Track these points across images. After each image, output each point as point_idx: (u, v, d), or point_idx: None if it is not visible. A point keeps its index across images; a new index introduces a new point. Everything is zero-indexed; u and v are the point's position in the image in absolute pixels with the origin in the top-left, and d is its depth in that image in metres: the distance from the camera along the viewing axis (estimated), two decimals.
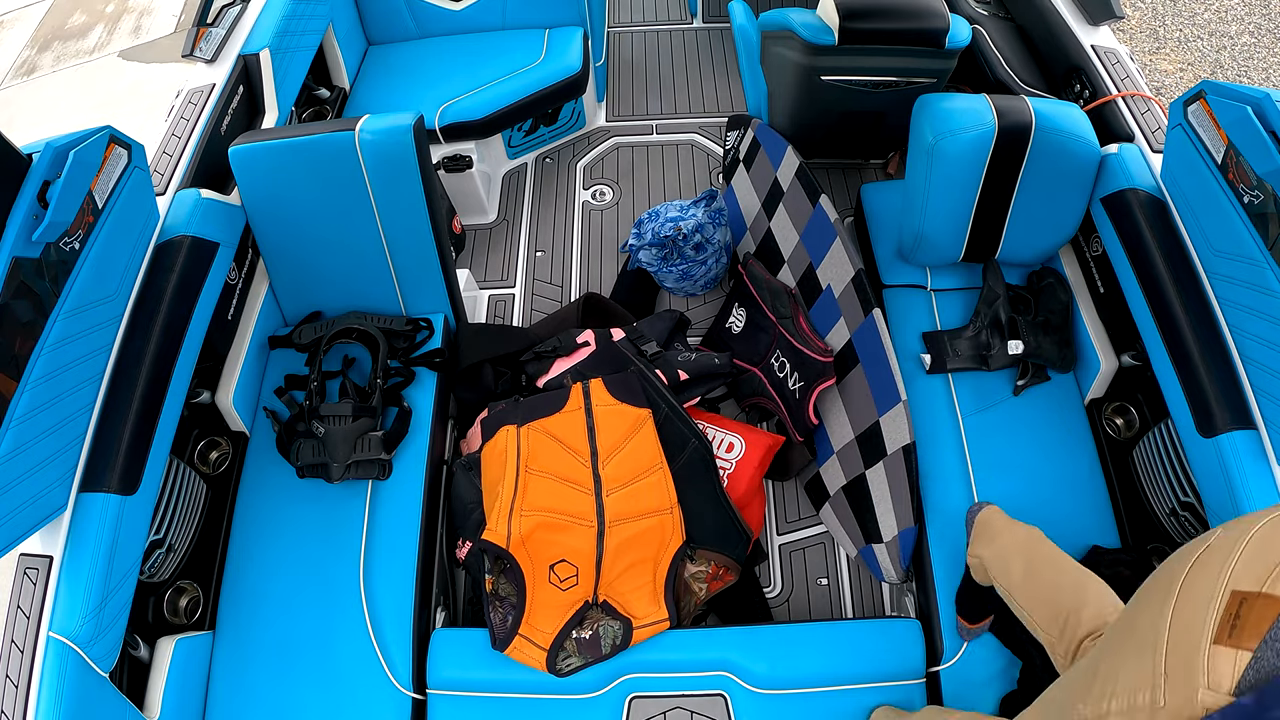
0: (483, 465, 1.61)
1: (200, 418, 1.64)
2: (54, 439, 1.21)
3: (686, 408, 1.75)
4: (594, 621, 1.43)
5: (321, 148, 1.60)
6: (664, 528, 1.49)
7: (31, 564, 1.21)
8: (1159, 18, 3.69)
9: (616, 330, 1.92)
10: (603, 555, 1.45)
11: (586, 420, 1.60)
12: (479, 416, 1.79)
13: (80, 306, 1.26)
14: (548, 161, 2.60)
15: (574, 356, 1.85)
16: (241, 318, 1.73)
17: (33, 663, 1.14)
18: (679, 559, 1.48)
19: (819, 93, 1.98)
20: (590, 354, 1.85)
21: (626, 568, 1.46)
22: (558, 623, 1.41)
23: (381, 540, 1.55)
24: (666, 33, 3.00)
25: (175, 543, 1.49)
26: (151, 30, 3.98)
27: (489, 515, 1.49)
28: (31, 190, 1.14)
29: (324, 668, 1.44)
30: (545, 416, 1.63)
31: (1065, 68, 1.95)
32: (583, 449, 1.56)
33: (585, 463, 1.54)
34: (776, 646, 1.43)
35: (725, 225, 2.10)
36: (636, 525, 1.47)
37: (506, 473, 1.54)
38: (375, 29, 2.51)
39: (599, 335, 1.90)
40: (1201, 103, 1.32)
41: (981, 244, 1.77)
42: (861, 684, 1.40)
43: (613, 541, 1.46)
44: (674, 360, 1.81)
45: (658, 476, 1.52)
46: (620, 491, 1.50)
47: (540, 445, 1.58)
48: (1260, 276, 1.24)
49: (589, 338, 1.89)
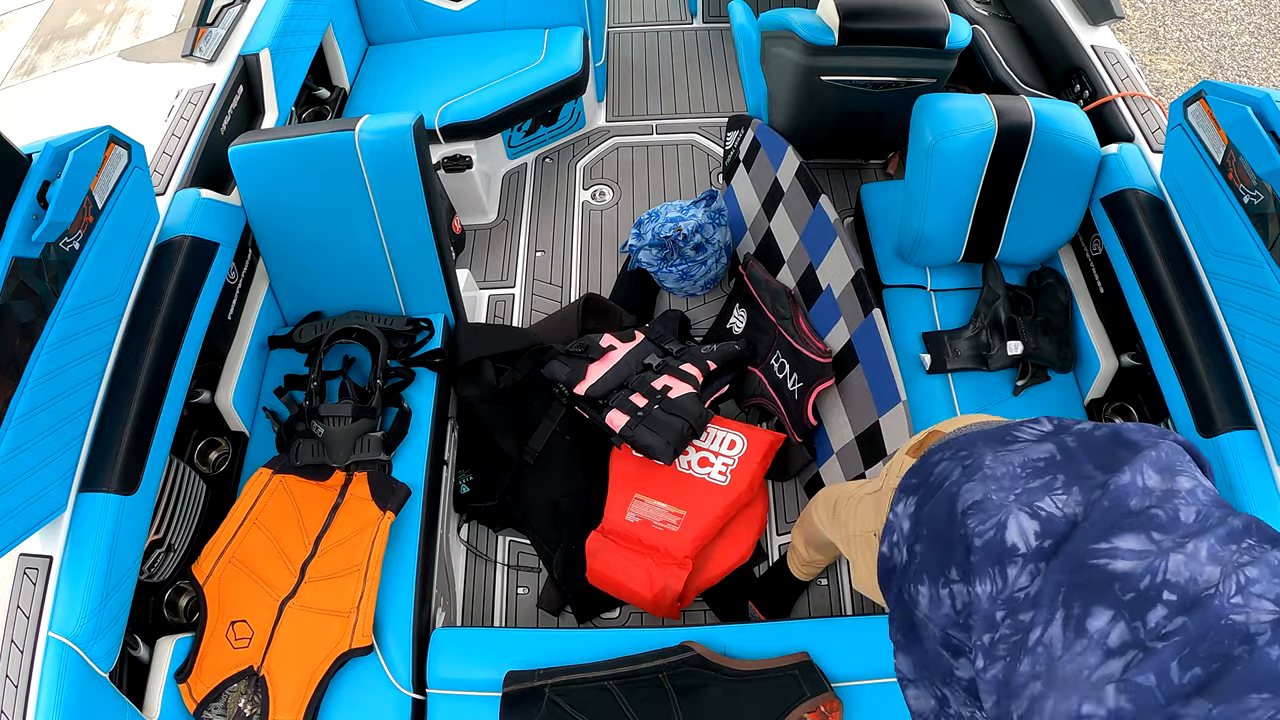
0: (243, 491, 1.57)
1: (200, 418, 1.64)
2: (53, 439, 1.21)
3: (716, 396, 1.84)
4: (244, 693, 1.36)
5: (321, 148, 1.60)
6: (335, 628, 1.41)
7: (31, 564, 1.21)
8: (1159, 18, 3.69)
9: (637, 334, 1.95)
10: (277, 628, 1.41)
11: (334, 503, 1.55)
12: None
13: (80, 306, 1.26)
14: (548, 161, 2.60)
15: (606, 361, 1.86)
16: (241, 318, 1.73)
17: (32, 663, 1.14)
18: (337, 665, 1.39)
19: (819, 93, 1.98)
20: (622, 357, 1.87)
21: (294, 650, 1.40)
22: (217, 678, 1.36)
23: None
24: (666, 33, 3.00)
25: (175, 543, 1.49)
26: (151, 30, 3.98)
27: (206, 548, 1.47)
28: (31, 190, 1.14)
29: None
30: (303, 478, 1.58)
31: (1065, 68, 1.95)
32: (313, 527, 1.52)
33: (307, 543, 1.50)
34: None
35: (725, 225, 2.10)
36: (314, 616, 1.42)
37: (237, 513, 1.51)
38: (375, 29, 2.51)
39: (622, 337, 1.93)
40: (1201, 103, 1.32)
41: (981, 244, 1.77)
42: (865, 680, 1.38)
43: (289, 621, 1.42)
44: (699, 353, 1.88)
45: (356, 578, 1.45)
46: (320, 582, 1.46)
47: (278, 503, 1.54)
48: (1260, 276, 1.24)
49: (613, 342, 1.91)
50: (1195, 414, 1.35)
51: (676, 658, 1.35)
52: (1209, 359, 1.35)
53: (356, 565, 1.47)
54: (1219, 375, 1.33)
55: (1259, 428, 1.28)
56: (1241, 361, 1.32)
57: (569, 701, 1.32)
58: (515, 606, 1.77)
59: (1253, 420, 1.29)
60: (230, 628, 1.41)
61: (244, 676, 1.37)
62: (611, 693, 1.33)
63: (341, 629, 1.41)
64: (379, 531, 1.49)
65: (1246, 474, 1.25)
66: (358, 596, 1.43)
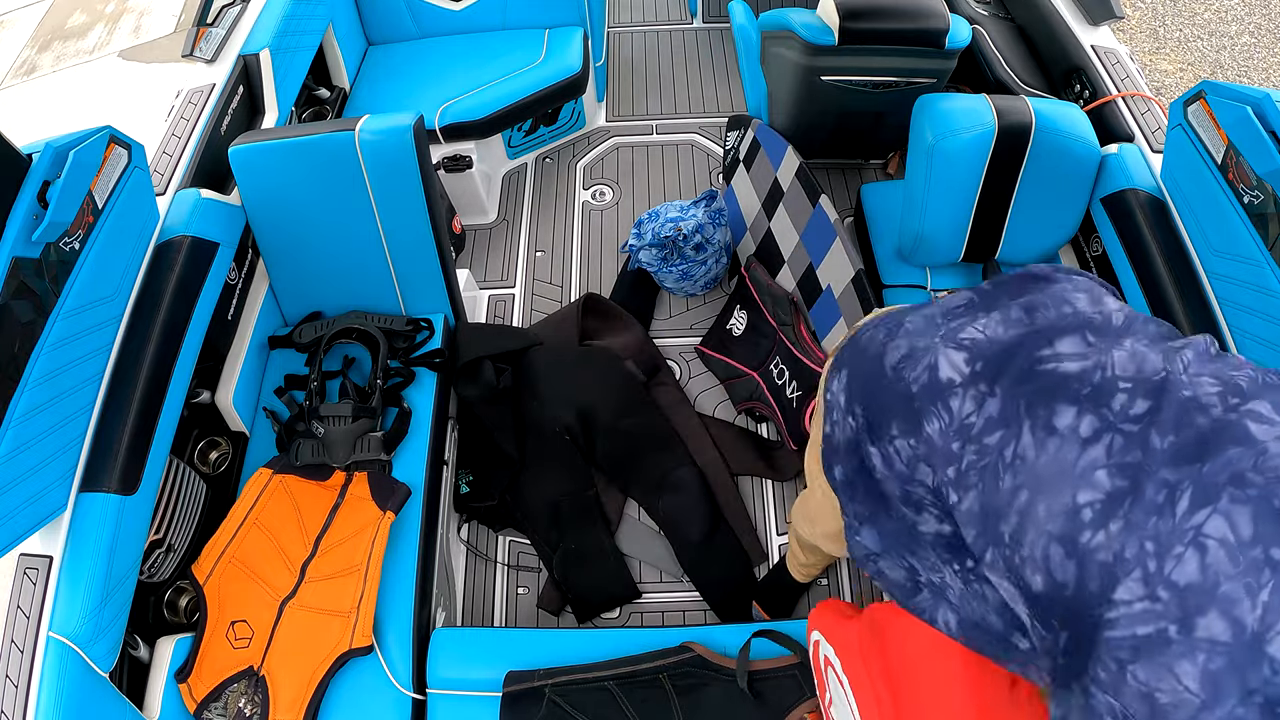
0: (243, 491, 1.57)
1: (200, 418, 1.64)
2: (54, 439, 1.21)
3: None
4: (244, 693, 1.36)
5: (321, 148, 1.60)
6: (335, 628, 1.41)
7: (31, 564, 1.21)
8: (1159, 18, 3.69)
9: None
10: (277, 628, 1.41)
11: (334, 503, 1.55)
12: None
13: (80, 306, 1.26)
14: (548, 161, 2.60)
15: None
16: (241, 318, 1.73)
17: (32, 663, 1.14)
18: (337, 665, 1.39)
19: (819, 93, 1.98)
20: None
21: (294, 650, 1.41)
22: (217, 678, 1.37)
23: None
24: (666, 33, 3.00)
25: (175, 543, 1.49)
26: (151, 30, 3.98)
27: (206, 548, 1.47)
28: (31, 190, 1.14)
29: None
30: (303, 478, 1.58)
31: (1065, 68, 1.95)
32: (313, 527, 1.52)
33: (307, 543, 1.50)
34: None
35: (725, 225, 2.10)
36: (314, 616, 1.43)
37: (237, 513, 1.51)
38: (375, 29, 2.51)
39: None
40: (1201, 103, 1.32)
41: (981, 244, 1.77)
42: None
43: (289, 621, 1.42)
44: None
45: (356, 578, 1.45)
46: (320, 582, 1.46)
47: (278, 503, 1.54)
48: (1260, 276, 1.24)
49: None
50: None
51: (677, 658, 1.35)
52: None
53: (356, 565, 1.47)
54: None
55: None
56: None
57: (569, 701, 1.32)
58: (515, 606, 1.77)
59: None
60: (230, 628, 1.41)
61: (244, 676, 1.37)
62: (612, 693, 1.32)
63: (341, 629, 1.41)
64: (379, 531, 1.49)
65: None
66: (358, 596, 1.43)
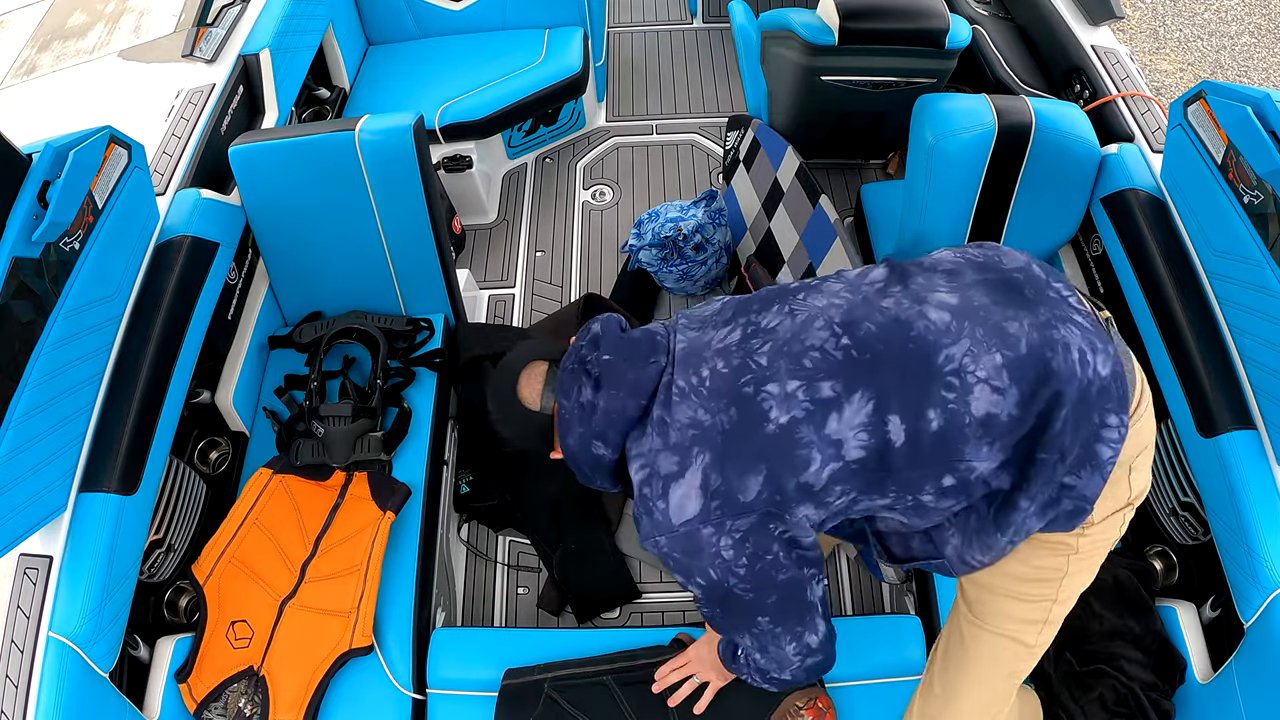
0: (243, 491, 1.57)
1: (200, 418, 1.64)
2: (54, 439, 1.21)
3: None
4: (244, 693, 1.37)
5: (321, 148, 1.60)
6: (335, 629, 1.41)
7: (31, 564, 1.21)
8: (1159, 18, 3.69)
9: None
10: (277, 628, 1.41)
11: (334, 503, 1.55)
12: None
13: (80, 307, 1.26)
14: (548, 161, 2.60)
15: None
16: (241, 318, 1.73)
17: (32, 663, 1.14)
18: (337, 665, 1.40)
19: (819, 93, 1.98)
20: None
21: (294, 651, 1.41)
22: (217, 678, 1.37)
23: None
24: (666, 33, 3.00)
25: (175, 543, 1.49)
26: (151, 30, 3.98)
27: (206, 548, 1.47)
28: (31, 190, 1.14)
29: None
30: (303, 478, 1.58)
31: (1065, 68, 1.95)
32: (313, 527, 1.52)
33: (307, 543, 1.50)
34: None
35: (725, 225, 2.10)
36: (315, 616, 1.43)
37: (237, 513, 1.51)
38: (375, 29, 2.51)
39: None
40: (1201, 103, 1.32)
41: None
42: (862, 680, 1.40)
43: (289, 621, 1.42)
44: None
45: (356, 578, 1.46)
46: (320, 582, 1.46)
47: (278, 503, 1.54)
48: (1260, 277, 1.24)
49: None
50: (1195, 414, 1.35)
51: (672, 654, 1.36)
52: (1209, 359, 1.35)
53: (356, 565, 1.47)
54: (1219, 375, 1.33)
55: (1259, 428, 1.28)
56: (1241, 361, 1.32)
57: (566, 698, 1.32)
58: (515, 606, 1.77)
59: (1253, 420, 1.29)
60: (230, 628, 1.41)
61: (244, 676, 1.37)
62: (609, 688, 1.33)
63: (342, 629, 1.41)
64: (379, 531, 1.49)
65: (1246, 474, 1.25)
66: (358, 596, 1.43)
